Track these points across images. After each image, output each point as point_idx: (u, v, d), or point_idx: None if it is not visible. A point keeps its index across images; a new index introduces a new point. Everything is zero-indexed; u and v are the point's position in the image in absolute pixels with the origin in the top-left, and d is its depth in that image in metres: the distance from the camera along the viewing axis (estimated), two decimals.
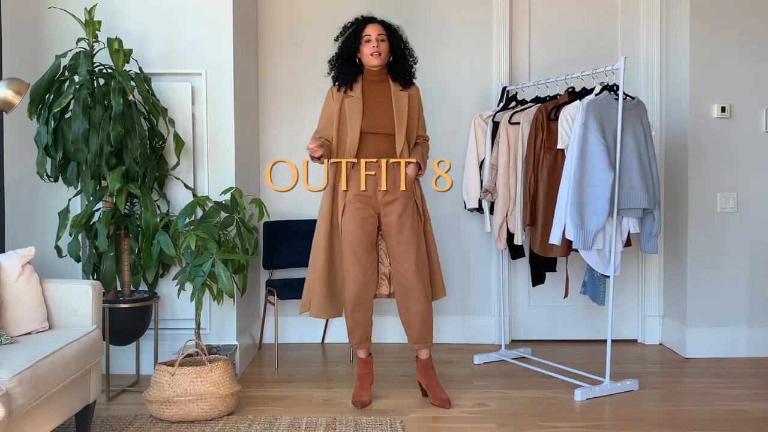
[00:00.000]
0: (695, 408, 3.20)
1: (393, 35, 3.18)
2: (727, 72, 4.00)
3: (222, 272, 3.16)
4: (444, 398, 3.18)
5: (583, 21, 4.37)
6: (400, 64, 3.19)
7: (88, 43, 3.36)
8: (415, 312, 3.14)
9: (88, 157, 3.21)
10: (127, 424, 2.97)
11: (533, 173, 3.59)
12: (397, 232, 3.14)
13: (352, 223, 3.13)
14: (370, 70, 3.18)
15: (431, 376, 3.24)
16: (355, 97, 3.15)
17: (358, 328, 3.19)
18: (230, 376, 3.08)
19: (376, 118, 3.14)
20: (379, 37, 3.12)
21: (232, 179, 3.70)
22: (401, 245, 3.13)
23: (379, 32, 3.13)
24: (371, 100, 3.16)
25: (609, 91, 3.38)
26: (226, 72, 3.68)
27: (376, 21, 3.18)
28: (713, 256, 4.04)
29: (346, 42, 3.17)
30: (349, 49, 3.16)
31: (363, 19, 3.19)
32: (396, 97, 3.17)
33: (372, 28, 3.13)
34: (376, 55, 3.11)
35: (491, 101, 4.32)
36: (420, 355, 3.25)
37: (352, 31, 3.17)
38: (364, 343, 3.24)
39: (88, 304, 2.82)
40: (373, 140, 3.14)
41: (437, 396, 3.20)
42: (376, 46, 3.10)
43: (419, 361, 3.27)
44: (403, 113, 3.15)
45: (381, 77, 3.20)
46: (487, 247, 4.37)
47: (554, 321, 4.41)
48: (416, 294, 3.12)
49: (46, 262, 3.45)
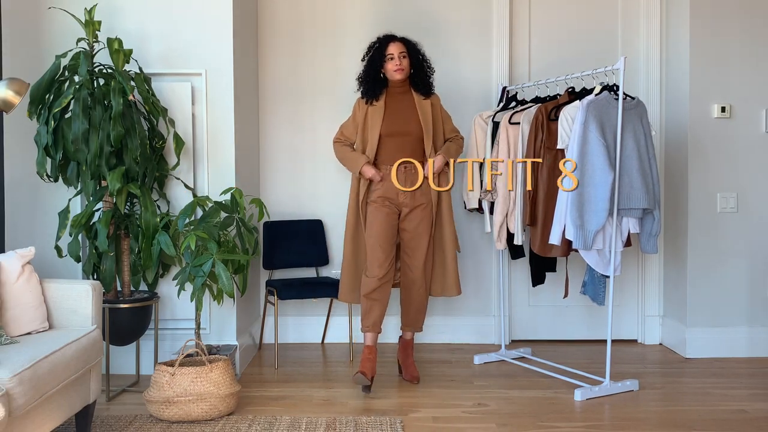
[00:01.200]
0: (695, 408, 3.20)
1: (413, 50, 3.49)
2: (727, 72, 4.00)
3: (222, 272, 3.16)
4: (414, 375, 3.55)
5: (583, 21, 4.37)
6: (419, 77, 3.51)
7: (88, 43, 3.36)
8: (415, 301, 3.56)
9: (88, 157, 3.21)
10: (127, 424, 2.97)
11: (533, 173, 3.59)
12: (413, 228, 3.47)
13: (377, 216, 3.45)
14: (394, 83, 3.50)
15: (409, 354, 3.63)
16: (378, 106, 3.49)
17: (373, 311, 3.42)
18: (230, 376, 3.08)
19: (397, 123, 3.46)
20: (401, 54, 3.44)
21: (232, 179, 3.70)
22: (413, 241, 3.48)
23: (400, 50, 3.45)
24: (394, 108, 3.49)
25: (609, 91, 3.38)
26: (226, 72, 3.68)
27: (396, 39, 3.48)
28: (713, 256, 4.04)
29: (371, 61, 3.49)
30: (374, 67, 3.48)
31: (384, 38, 3.50)
32: (420, 105, 3.50)
33: (394, 46, 3.45)
34: (399, 70, 3.44)
35: (491, 101, 4.32)
36: (405, 335, 3.65)
37: (376, 50, 3.48)
38: (375, 327, 3.44)
39: (88, 304, 2.82)
40: (395, 144, 3.45)
41: (409, 372, 3.56)
42: (399, 63, 3.43)
43: (402, 341, 3.65)
44: (428, 118, 3.48)
45: (404, 89, 3.53)
46: (487, 247, 4.37)
47: (554, 321, 4.41)
48: (418, 286, 3.52)
49: (46, 262, 3.45)
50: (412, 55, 3.49)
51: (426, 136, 3.47)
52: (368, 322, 3.43)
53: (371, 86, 3.49)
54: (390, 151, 3.46)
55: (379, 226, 3.43)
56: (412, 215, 3.47)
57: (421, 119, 3.47)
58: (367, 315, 3.44)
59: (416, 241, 3.48)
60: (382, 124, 3.45)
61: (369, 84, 3.50)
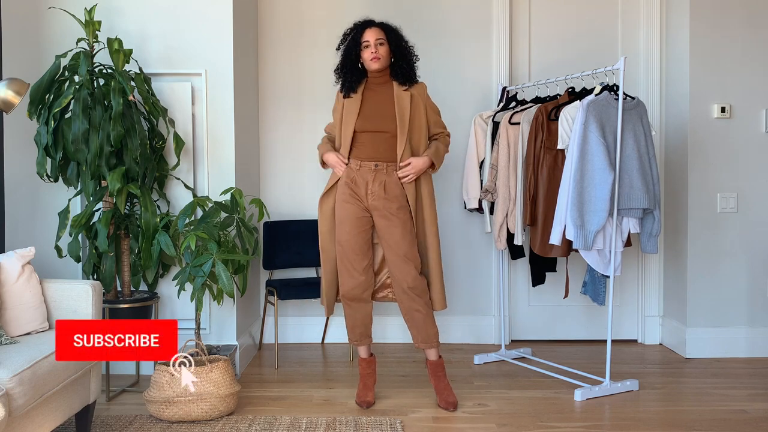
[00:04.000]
0: (695, 408, 3.20)
1: (392, 37, 3.17)
2: (727, 72, 4.00)
3: (222, 272, 3.16)
4: (450, 401, 3.16)
5: (583, 21, 4.37)
6: (399, 65, 3.18)
7: (88, 43, 3.36)
8: (415, 311, 3.14)
9: (88, 157, 3.21)
10: (127, 424, 2.96)
11: (533, 173, 3.59)
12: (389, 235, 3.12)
13: (345, 223, 3.14)
14: (373, 74, 3.20)
15: (440, 377, 3.21)
16: (354, 99, 3.17)
17: (357, 325, 3.23)
18: (230, 376, 3.08)
19: (373, 119, 3.14)
20: (377, 41, 3.12)
21: (232, 179, 3.70)
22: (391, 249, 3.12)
23: (377, 37, 3.13)
24: (371, 101, 3.17)
25: (609, 92, 3.38)
26: (226, 72, 3.68)
27: (373, 25, 3.18)
28: (713, 256, 4.03)
29: (347, 50, 3.19)
30: (350, 56, 3.18)
31: (361, 24, 3.19)
32: (398, 98, 3.16)
33: (370, 33, 3.13)
34: (375, 59, 3.12)
35: (491, 101, 4.32)
36: (428, 356, 3.22)
37: (351, 38, 3.18)
38: (363, 340, 3.25)
39: (88, 304, 2.82)
40: (371, 140, 3.14)
41: (443, 398, 3.18)
42: (375, 51, 3.11)
43: (428, 363, 3.24)
44: (404, 113, 3.13)
45: (383, 79, 3.21)
46: (487, 247, 4.37)
47: (554, 321, 4.41)
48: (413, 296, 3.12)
49: (46, 262, 3.45)
50: (392, 42, 3.15)
51: (400, 133, 3.11)
52: (354, 336, 3.25)
53: (348, 77, 3.17)
54: (365, 148, 3.13)
55: (348, 234, 3.12)
56: (382, 210, 3.11)
57: (397, 115, 3.12)
58: (352, 329, 3.24)
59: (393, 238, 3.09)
60: (357, 120, 3.12)
61: (346, 75, 3.18)
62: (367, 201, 3.13)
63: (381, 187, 3.12)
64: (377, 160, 3.13)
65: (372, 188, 3.12)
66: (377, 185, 3.12)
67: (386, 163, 3.13)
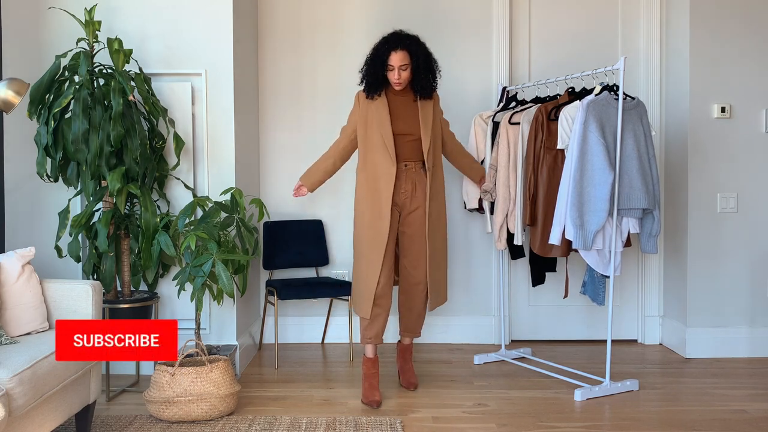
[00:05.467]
0: (695, 408, 3.20)
1: (416, 57, 3.27)
2: (727, 72, 4.00)
3: (222, 272, 3.16)
4: (412, 381, 3.49)
5: (583, 21, 4.37)
6: (420, 84, 3.33)
7: (88, 43, 3.36)
8: (416, 307, 3.45)
9: (88, 157, 3.21)
10: (127, 425, 2.97)
11: (533, 173, 3.59)
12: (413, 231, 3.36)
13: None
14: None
15: (407, 359, 3.57)
16: (380, 103, 3.34)
17: (377, 322, 3.33)
18: (230, 376, 3.08)
19: (402, 123, 3.34)
20: (401, 67, 3.25)
21: (232, 179, 3.70)
22: (414, 244, 3.37)
23: (401, 63, 3.24)
24: (396, 107, 3.36)
25: (609, 91, 3.38)
26: (226, 72, 3.68)
27: (400, 47, 3.25)
28: (713, 256, 4.03)
29: (374, 66, 3.31)
30: (375, 69, 3.31)
31: (388, 46, 3.27)
32: (421, 104, 3.37)
33: (395, 57, 3.24)
34: (396, 83, 3.29)
35: (491, 101, 4.32)
36: (404, 340, 3.57)
37: (379, 58, 3.29)
38: (378, 338, 3.37)
39: (88, 305, 2.82)
40: (399, 142, 3.32)
41: (407, 378, 3.51)
42: (398, 77, 3.27)
43: (402, 346, 3.58)
44: (428, 118, 3.36)
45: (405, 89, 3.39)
46: (487, 247, 4.37)
47: (554, 321, 4.41)
48: (420, 289, 3.41)
49: (46, 262, 3.45)
50: (416, 62, 3.29)
51: (424, 136, 3.34)
52: (371, 333, 3.33)
53: (371, 84, 3.35)
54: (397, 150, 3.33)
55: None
56: (411, 218, 3.36)
57: (421, 119, 3.34)
58: (371, 325, 3.33)
59: (417, 245, 3.36)
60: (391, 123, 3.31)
61: (370, 83, 3.36)
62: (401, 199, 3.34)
63: (411, 185, 3.34)
64: (407, 160, 3.34)
65: (405, 187, 3.33)
66: (409, 184, 3.34)
67: (414, 162, 3.35)
